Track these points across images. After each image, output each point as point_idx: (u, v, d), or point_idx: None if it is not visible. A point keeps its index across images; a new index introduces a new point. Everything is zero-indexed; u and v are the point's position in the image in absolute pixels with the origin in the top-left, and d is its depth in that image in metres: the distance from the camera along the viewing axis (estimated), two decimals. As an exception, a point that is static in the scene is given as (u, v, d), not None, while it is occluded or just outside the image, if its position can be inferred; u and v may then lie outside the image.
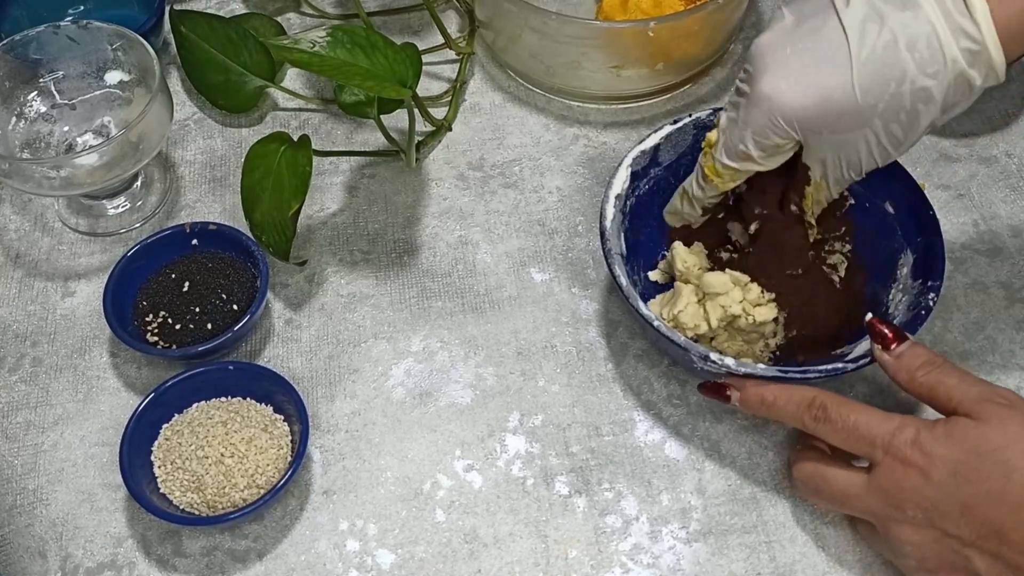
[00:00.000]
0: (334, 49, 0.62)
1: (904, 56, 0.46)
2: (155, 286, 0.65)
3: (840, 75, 0.47)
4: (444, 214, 0.71)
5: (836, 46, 0.47)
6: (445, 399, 0.62)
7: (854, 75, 0.47)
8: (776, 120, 0.50)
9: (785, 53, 0.49)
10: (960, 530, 0.48)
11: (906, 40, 0.46)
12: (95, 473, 0.60)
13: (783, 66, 0.49)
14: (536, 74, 0.77)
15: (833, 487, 0.53)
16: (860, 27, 0.47)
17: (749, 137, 0.51)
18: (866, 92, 0.47)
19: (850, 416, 0.51)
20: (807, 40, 0.48)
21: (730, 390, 0.56)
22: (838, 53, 0.47)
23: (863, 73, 0.47)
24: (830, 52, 0.47)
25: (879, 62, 0.46)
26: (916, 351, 0.53)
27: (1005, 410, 0.48)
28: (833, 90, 0.48)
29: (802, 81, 0.48)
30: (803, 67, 0.48)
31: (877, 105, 0.47)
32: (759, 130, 0.51)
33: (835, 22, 0.48)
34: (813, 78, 0.48)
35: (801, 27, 0.49)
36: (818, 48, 0.48)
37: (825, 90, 0.48)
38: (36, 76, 0.70)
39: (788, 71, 0.49)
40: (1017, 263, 0.67)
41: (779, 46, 0.49)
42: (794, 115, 0.49)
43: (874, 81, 0.47)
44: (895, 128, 0.48)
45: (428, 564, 0.56)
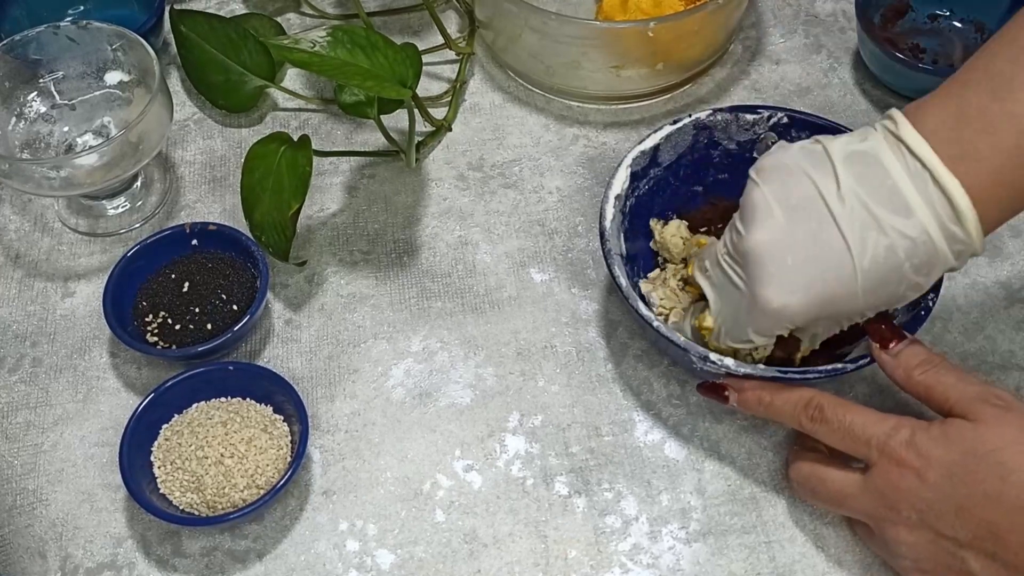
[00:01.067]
0: (334, 49, 0.62)
1: (903, 263, 0.49)
2: (155, 286, 0.65)
3: (845, 285, 0.49)
4: (444, 214, 0.71)
5: (839, 255, 0.49)
6: (445, 399, 0.63)
7: (859, 284, 0.49)
8: (782, 324, 0.52)
9: (786, 262, 0.50)
10: (955, 531, 0.48)
11: (905, 248, 0.48)
12: (95, 473, 0.60)
13: (787, 277, 0.50)
14: (536, 74, 0.77)
15: (829, 488, 0.53)
16: (860, 234, 0.48)
17: (755, 333, 0.53)
18: (868, 295, 0.50)
19: (846, 416, 0.52)
20: (808, 248, 0.49)
21: (728, 390, 0.57)
22: (842, 263, 0.49)
23: (866, 281, 0.49)
24: (834, 262, 0.49)
25: (882, 270, 0.49)
26: (914, 350, 0.53)
27: (1002, 412, 0.48)
28: (838, 297, 0.50)
29: (808, 292, 0.50)
30: (808, 278, 0.49)
31: (877, 303, 0.51)
32: (765, 329, 0.52)
33: (833, 229, 0.49)
34: (819, 289, 0.49)
35: (796, 227, 0.50)
36: (821, 256, 0.49)
37: (830, 298, 0.50)
38: (36, 76, 0.70)
39: (794, 284, 0.50)
40: (1017, 263, 0.67)
41: (779, 253, 0.50)
42: (800, 319, 0.51)
43: (876, 286, 0.49)
44: (882, 307, 0.52)
45: (428, 564, 0.56)
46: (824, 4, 0.83)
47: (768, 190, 0.51)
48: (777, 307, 0.50)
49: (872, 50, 0.74)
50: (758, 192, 0.51)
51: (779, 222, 0.50)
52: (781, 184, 0.51)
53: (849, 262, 0.49)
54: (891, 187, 0.48)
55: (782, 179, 0.51)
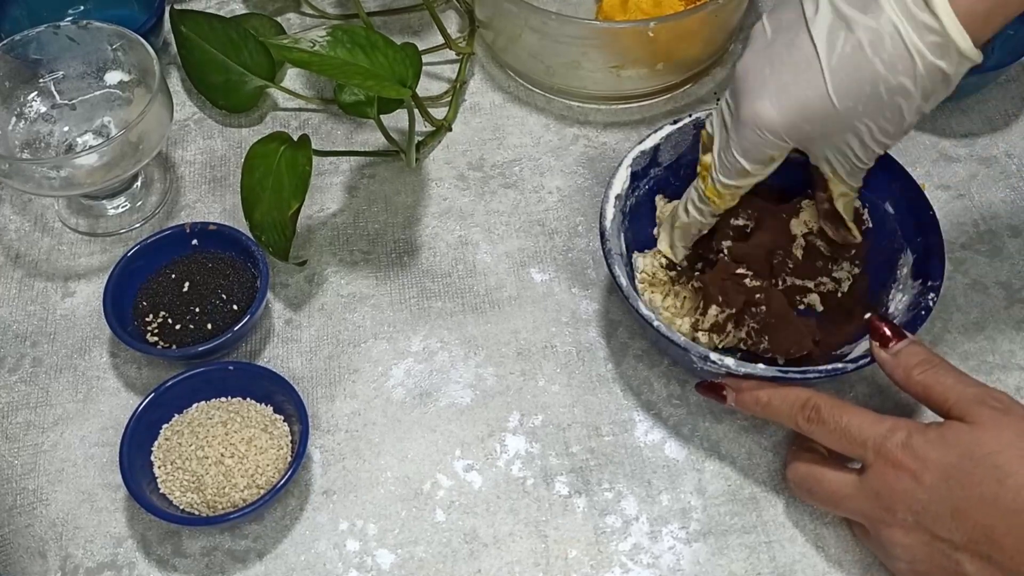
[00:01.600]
0: (334, 49, 0.62)
1: (872, 58, 0.47)
2: (155, 286, 0.65)
3: (814, 86, 0.48)
4: (444, 214, 0.71)
5: (808, 58, 0.49)
6: (445, 399, 0.63)
7: (827, 84, 0.48)
8: (765, 136, 0.51)
9: (764, 72, 0.50)
10: (951, 534, 0.48)
11: (871, 42, 0.47)
12: (95, 473, 0.60)
13: (763, 85, 0.50)
14: (536, 74, 0.77)
15: (825, 488, 0.53)
16: (828, 36, 0.48)
17: (743, 155, 0.53)
18: (842, 97, 0.48)
19: (843, 418, 0.52)
20: (782, 56, 0.50)
21: (726, 390, 0.57)
22: (810, 64, 0.48)
23: (835, 80, 0.48)
24: (803, 64, 0.49)
25: (849, 67, 0.48)
26: (914, 349, 0.53)
27: (1000, 414, 0.48)
28: (810, 100, 0.49)
29: (781, 97, 0.50)
30: (781, 83, 0.50)
31: (856, 107, 0.49)
32: (751, 148, 0.52)
33: (805, 34, 0.49)
34: (791, 94, 0.49)
35: (776, 42, 0.50)
36: (792, 62, 0.49)
37: (802, 101, 0.49)
38: (36, 76, 0.70)
39: (768, 90, 0.50)
40: (1017, 263, 0.67)
41: (759, 65, 0.51)
42: (780, 129, 0.50)
43: (848, 86, 0.48)
44: (882, 123, 0.49)
45: (428, 564, 0.56)
46: (824, 4, 0.83)
47: (767, 18, 0.52)
48: (752, 113, 0.50)
49: (872, 50, 0.74)
50: (759, 24, 0.53)
51: (763, 42, 0.51)
52: (776, 13, 0.52)
53: (816, 63, 0.48)
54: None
55: (777, 9, 0.52)
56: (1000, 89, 0.76)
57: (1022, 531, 0.46)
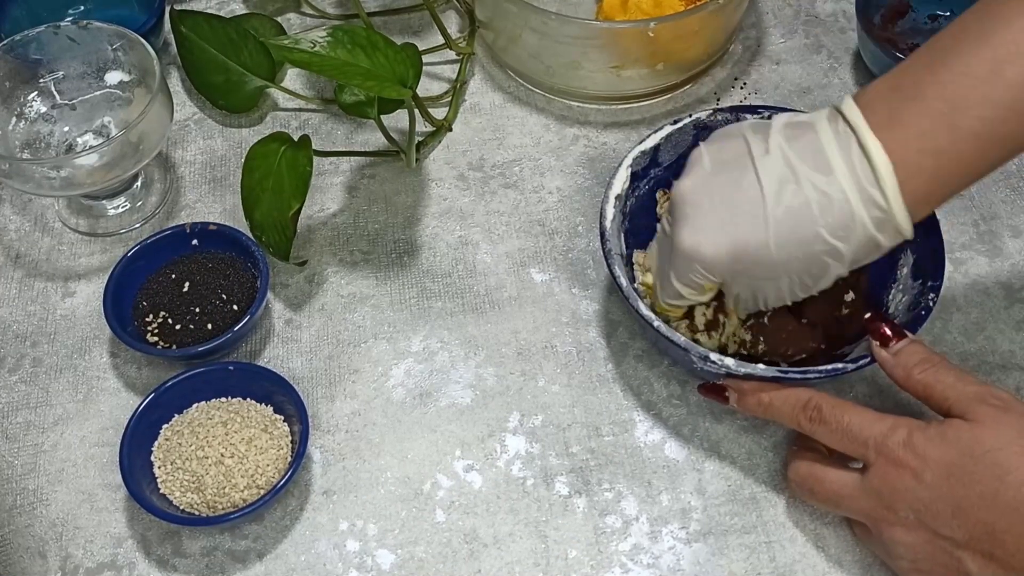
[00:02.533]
0: (334, 49, 0.62)
1: (817, 218, 0.48)
2: (155, 286, 0.65)
3: (755, 232, 0.49)
4: (444, 214, 0.71)
5: (753, 200, 0.49)
6: (445, 399, 0.63)
7: (769, 232, 0.49)
8: (696, 268, 0.52)
9: (703, 206, 0.51)
10: (953, 532, 0.48)
11: (819, 204, 0.48)
12: (95, 473, 0.60)
13: (702, 219, 0.51)
14: (536, 74, 0.77)
15: (827, 488, 0.53)
16: (777, 185, 0.49)
17: (676, 281, 0.54)
18: (780, 248, 0.49)
19: (844, 417, 0.52)
20: (725, 192, 0.50)
21: (728, 391, 0.57)
22: (754, 208, 0.49)
23: (778, 231, 0.49)
24: (747, 205, 0.49)
25: (793, 222, 0.48)
26: (914, 349, 0.53)
27: (1000, 412, 0.49)
28: (748, 243, 0.50)
29: (719, 234, 0.50)
30: (721, 220, 0.50)
31: (790, 261, 0.50)
32: (683, 276, 0.53)
33: (752, 176, 0.49)
34: (730, 231, 0.50)
35: (719, 176, 0.51)
36: (736, 201, 0.50)
37: (741, 243, 0.50)
38: (36, 76, 0.70)
39: (706, 224, 0.51)
40: (1017, 263, 0.67)
41: (699, 197, 0.51)
42: (713, 265, 0.51)
43: (788, 239, 0.49)
44: (805, 278, 0.51)
45: (428, 564, 0.56)
46: (824, 4, 0.83)
47: (705, 148, 0.53)
48: (689, 246, 0.51)
49: (872, 50, 0.74)
50: (696, 151, 0.53)
51: (706, 171, 0.52)
52: (719, 143, 0.53)
53: (761, 209, 0.49)
54: (817, 148, 0.49)
55: (721, 140, 0.53)
56: (1000, 89, 0.76)
57: (1023, 528, 0.46)
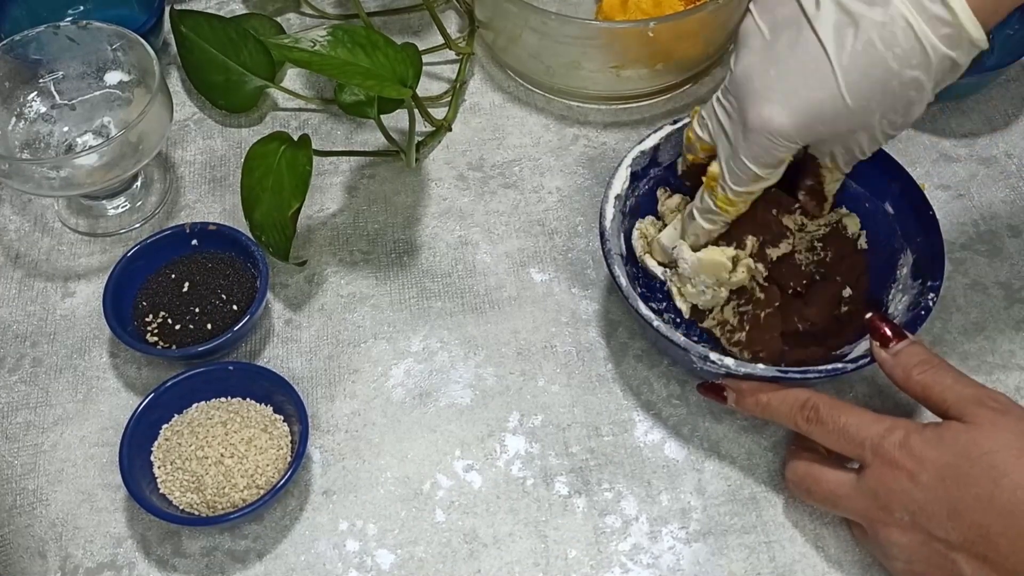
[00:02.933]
0: (335, 48, 0.62)
1: (885, 55, 0.46)
2: (155, 286, 0.65)
3: (826, 87, 0.48)
4: (444, 214, 0.71)
5: (816, 58, 0.48)
6: (445, 399, 0.63)
7: (840, 84, 0.47)
8: (777, 141, 0.50)
9: (769, 75, 0.49)
10: (947, 533, 0.48)
11: (883, 39, 0.46)
12: (95, 473, 0.60)
13: (770, 89, 0.49)
14: (536, 74, 0.77)
15: (823, 488, 0.53)
16: (835, 34, 0.47)
17: (754, 161, 0.52)
18: (856, 96, 0.48)
19: (841, 418, 0.52)
20: (787, 58, 0.49)
21: (727, 391, 0.57)
22: (819, 66, 0.47)
23: (848, 80, 0.47)
24: (812, 66, 0.48)
25: (861, 66, 0.47)
26: (914, 350, 0.53)
27: (998, 415, 0.49)
28: (823, 103, 0.48)
29: (791, 101, 0.48)
30: (790, 87, 0.49)
31: (869, 104, 0.48)
32: (762, 153, 0.51)
33: (809, 32, 0.48)
34: (802, 96, 0.48)
35: (778, 42, 0.49)
36: (800, 63, 0.48)
37: (815, 103, 0.48)
38: (36, 76, 0.70)
39: (776, 94, 0.49)
40: (1017, 263, 0.67)
41: (762, 68, 0.49)
42: (792, 133, 0.50)
43: (861, 85, 0.47)
44: (892, 116, 0.49)
45: (428, 564, 0.56)
46: (824, 4, 0.83)
47: (757, 14, 0.51)
48: (764, 119, 0.49)
49: (872, 50, 0.74)
50: (748, 19, 0.51)
51: (764, 42, 0.50)
52: (770, 8, 0.50)
53: (826, 62, 0.47)
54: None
55: (772, 3, 0.50)
56: (1000, 89, 0.76)
57: (1017, 531, 0.46)
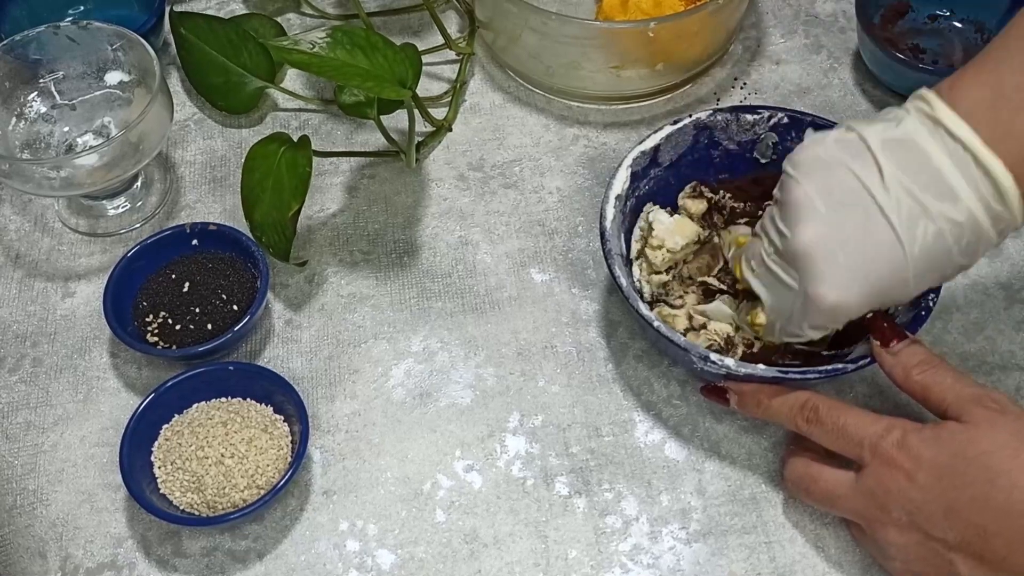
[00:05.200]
0: (334, 50, 0.62)
1: (952, 247, 0.48)
2: (155, 286, 0.65)
3: (897, 275, 0.49)
4: (444, 214, 0.71)
5: (889, 246, 0.48)
6: (445, 399, 0.63)
7: (910, 272, 0.49)
8: (840, 319, 0.51)
9: (838, 260, 0.49)
10: (944, 533, 0.48)
11: (952, 233, 0.48)
12: (95, 473, 0.60)
13: (841, 275, 0.49)
14: (536, 74, 0.77)
15: (821, 487, 0.53)
16: (908, 223, 0.48)
17: (811, 330, 0.52)
18: (919, 280, 0.49)
19: (840, 418, 0.52)
20: (857, 241, 0.49)
21: (729, 393, 0.57)
22: (892, 253, 0.48)
23: (917, 268, 0.49)
24: (884, 252, 0.48)
25: (930, 256, 0.48)
26: (914, 350, 0.53)
27: (996, 415, 0.49)
28: (892, 288, 0.49)
29: (863, 288, 0.49)
30: (859, 273, 0.49)
31: (925, 285, 0.50)
32: (822, 325, 0.52)
33: (880, 218, 0.48)
34: (872, 282, 0.49)
35: (844, 222, 0.49)
36: (871, 251, 0.48)
37: (884, 290, 0.49)
38: (36, 76, 0.70)
39: (847, 280, 0.49)
40: (1017, 264, 0.67)
41: (829, 250, 0.49)
42: (856, 313, 0.51)
43: (926, 272, 0.49)
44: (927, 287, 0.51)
45: (428, 564, 0.56)
46: (824, 4, 0.83)
47: (810, 186, 0.50)
48: (833, 304, 0.49)
49: (872, 50, 0.74)
50: (800, 189, 0.50)
51: (825, 218, 0.49)
52: (822, 179, 0.49)
53: (900, 252, 0.48)
54: (934, 172, 0.47)
55: (822, 174, 0.50)
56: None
57: (1013, 532, 0.46)
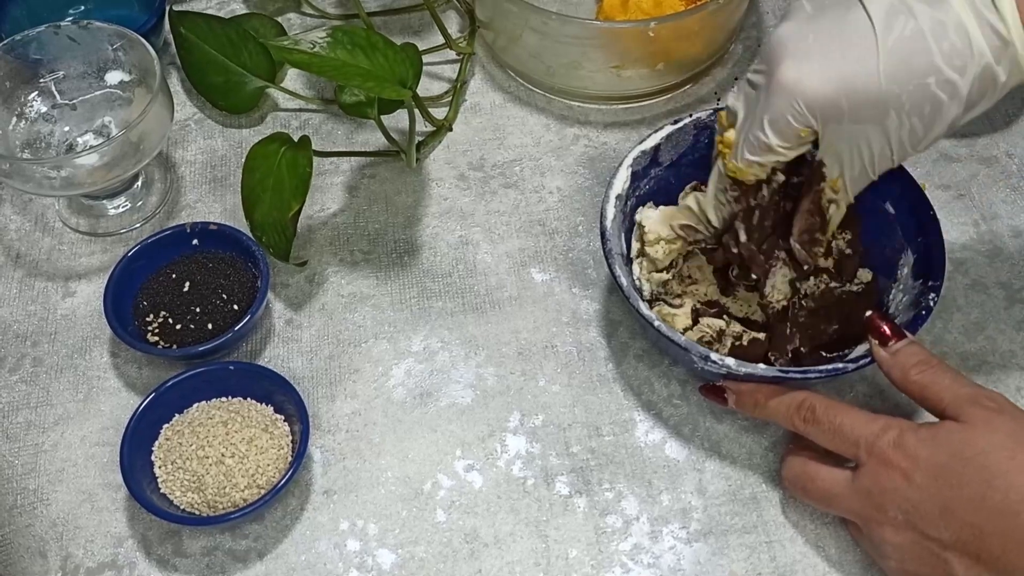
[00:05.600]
0: (334, 50, 0.62)
1: (932, 47, 0.45)
2: (155, 286, 0.65)
3: (865, 61, 0.46)
4: (444, 214, 0.71)
5: (862, 32, 0.46)
6: (446, 399, 0.63)
7: (880, 62, 0.46)
8: (798, 105, 0.48)
9: (807, 40, 0.48)
10: (940, 533, 0.48)
11: (934, 31, 0.45)
12: (95, 473, 0.60)
13: (805, 52, 0.47)
14: (536, 74, 0.77)
15: (819, 486, 0.53)
16: (887, 16, 0.46)
17: (769, 126, 0.50)
18: (891, 80, 0.46)
19: (837, 417, 0.52)
20: (831, 27, 0.47)
21: (727, 393, 0.57)
22: (864, 39, 0.46)
23: (889, 61, 0.46)
24: (855, 38, 0.46)
25: (906, 51, 0.46)
26: (912, 350, 0.53)
27: (993, 414, 0.49)
28: (857, 76, 0.46)
29: (825, 66, 0.47)
30: (826, 52, 0.47)
31: (901, 95, 0.47)
32: (779, 118, 0.49)
33: (860, 10, 0.47)
34: (837, 63, 0.47)
35: (823, 15, 0.48)
36: (843, 34, 0.47)
37: (849, 76, 0.47)
38: (36, 76, 0.70)
39: (810, 56, 0.47)
40: (1017, 263, 0.67)
41: (801, 34, 0.48)
42: (816, 100, 0.48)
43: (900, 69, 0.46)
44: (916, 122, 0.48)
45: (428, 564, 0.56)
46: (824, 4, 0.83)
47: None
48: (792, 79, 0.47)
49: (872, 50, 0.74)
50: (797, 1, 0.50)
51: (807, 12, 0.49)
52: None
53: (871, 38, 0.46)
54: None
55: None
56: (1000, 89, 0.76)
57: (1009, 532, 0.46)
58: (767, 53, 0.50)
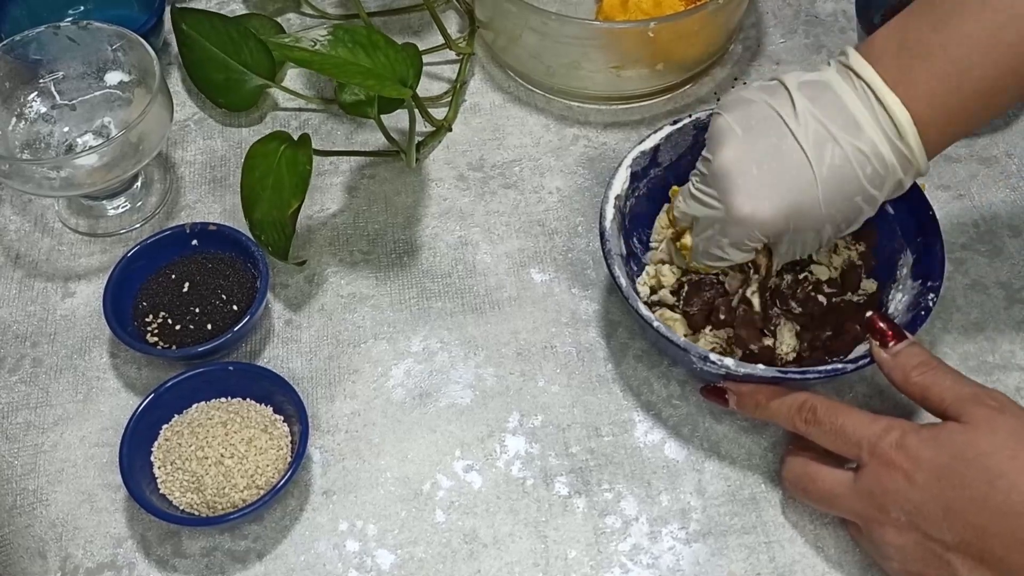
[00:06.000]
0: (335, 48, 0.62)
1: (857, 172, 0.52)
2: (155, 286, 0.65)
3: (807, 192, 0.52)
4: (444, 214, 0.71)
5: (798, 164, 0.52)
6: (445, 399, 0.63)
7: (819, 191, 0.52)
8: (754, 234, 0.54)
9: (752, 173, 0.53)
10: (942, 534, 0.48)
11: (857, 158, 0.51)
12: (95, 473, 0.60)
13: (756, 187, 0.52)
14: (536, 74, 0.77)
15: (820, 487, 0.53)
16: (816, 147, 0.51)
17: (729, 247, 0.55)
18: (829, 204, 0.52)
19: (838, 418, 0.52)
20: (770, 160, 0.52)
21: (728, 393, 0.57)
22: (802, 171, 0.52)
23: (826, 189, 0.52)
24: (794, 170, 0.52)
25: (837, 178, 0.52)
26: (913, 351, 0.53)
27: (995, 414, 0.49)
28: (802, 205, 0.52)
29: (775, 201, 0.52)
30: (773, 185, 0.52)
31: (836, 214, 0.53)
32: (738, 242, 0.55)
33: (791, 140, 0.52)
34: (784, 196, 0.52)
35: (758, 143, 0.53)
36: (783, 166, 0.52)
37: (795, 205, 0.52)
38: (36, 77, 0.70)
39: (760, 190, 0.52)
40: (1017, 263, 0.67)
41: (744, 165, 0.53)
42: (768, 226, 0.53)
43: (835, 195, 0.52)
44: (842, 225, 0.54)
45: (428, 564, 0.56)
46: (824, 4, 0.83)
47: (730, 117, 0.54)
48: (748, 213, 0.53)
49: (872, 50, 0.74)
50: (721, 119, 0.55)
51: (742, 140, 0.53)
52: (741, 111, 0.54)
53: (809, 171, 0.51)
54: (841, 107, 0.52)
55: (742, 107, 0.54)
56: (1000, 89, 0.76)
57: (1012, 532, 0.46)
58: (715, 182, 0.54)
